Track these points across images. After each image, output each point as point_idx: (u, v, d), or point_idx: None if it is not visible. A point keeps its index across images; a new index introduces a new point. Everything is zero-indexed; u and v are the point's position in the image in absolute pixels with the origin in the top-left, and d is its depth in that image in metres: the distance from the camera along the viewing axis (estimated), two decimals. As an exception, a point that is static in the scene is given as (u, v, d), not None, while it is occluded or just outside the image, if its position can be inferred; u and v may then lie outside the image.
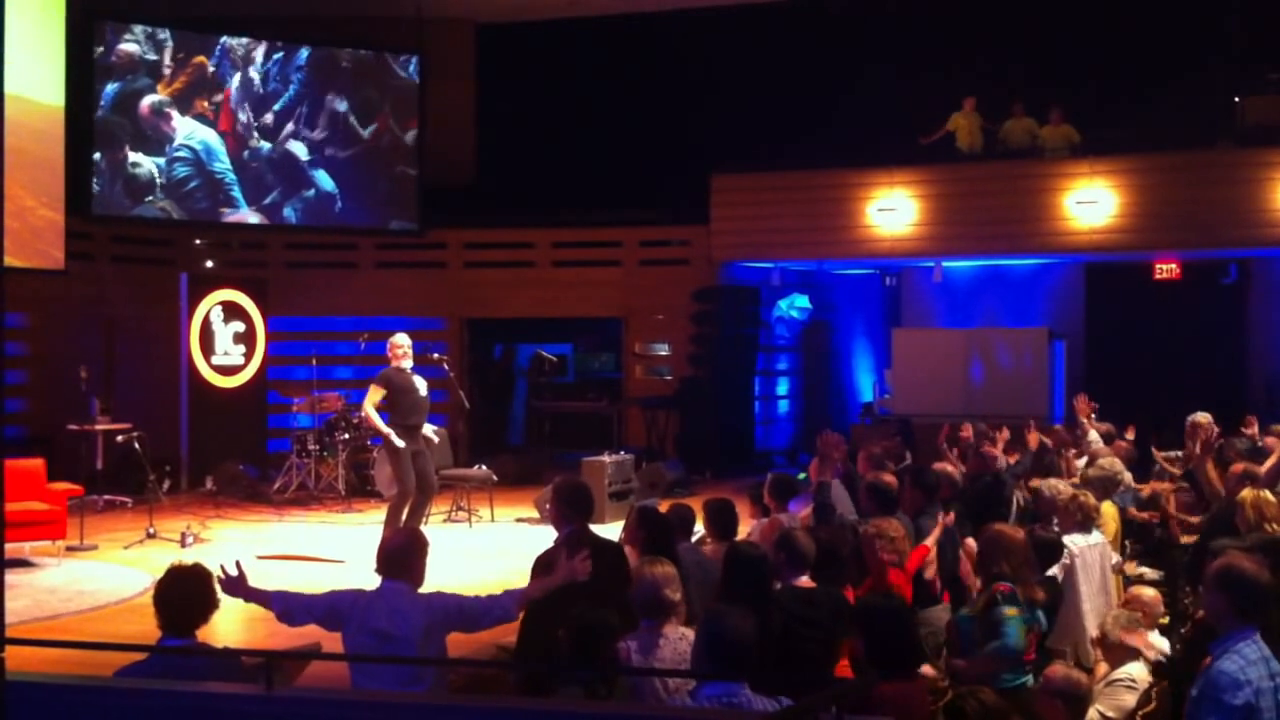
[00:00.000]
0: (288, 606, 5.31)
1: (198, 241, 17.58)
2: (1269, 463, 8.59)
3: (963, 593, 6.93)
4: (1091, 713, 5.44)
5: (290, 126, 17.64)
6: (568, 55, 19.52)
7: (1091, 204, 16.42)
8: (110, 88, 16.46)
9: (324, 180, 17.85)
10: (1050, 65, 17.90)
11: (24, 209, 14.52)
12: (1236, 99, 17.09)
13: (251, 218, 17.46)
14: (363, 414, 10.87)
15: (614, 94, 19.22)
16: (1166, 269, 17.79)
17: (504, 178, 19.29)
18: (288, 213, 17.66)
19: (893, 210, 17.23)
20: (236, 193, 17.26)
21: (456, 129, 19.63)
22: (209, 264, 17.47)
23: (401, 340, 11.21)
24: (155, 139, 16.73)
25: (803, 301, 19.17)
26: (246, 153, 17.33)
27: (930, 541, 6.95)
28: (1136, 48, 17.82)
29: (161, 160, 16.76)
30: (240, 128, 17.30)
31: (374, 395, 10.97)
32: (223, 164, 17.16)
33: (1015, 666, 5.85)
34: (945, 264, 17.93)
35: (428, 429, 11.19)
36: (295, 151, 17.68)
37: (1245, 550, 5.57)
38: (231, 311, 16.54)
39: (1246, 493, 7.16)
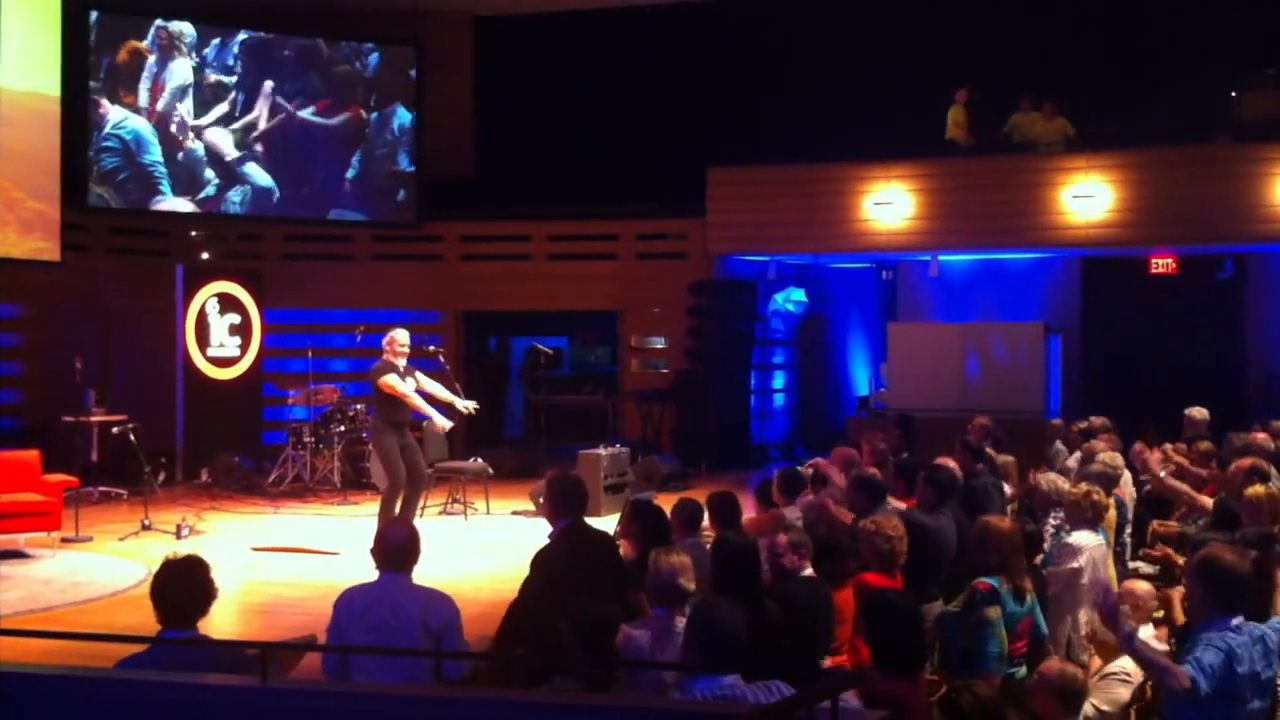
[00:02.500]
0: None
1: (194, 233, 17.54)
2: None
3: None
4: (1087, 707, 5.45)
5: (224, 115, 17.21)
6: (565, 48, 19.50)
7: (1088, 198, 16.41)
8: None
9: (255, 174, 17.41)
10: (1048, 59, 17.87)
11: (14, 201, 14.50)
12: (1234, 94, 17.10)
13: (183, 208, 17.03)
14: (402, 394, 10.86)
15: (611, 86, 19.19)
16: (1162, 264, 17.78)
17: (501, 170, 19.27)
18: (225, 207, 17.26)
19: (889, 204, 17.22)
20: (165, 187, 16.78)
21: (454, 121, 19.61)
22: (205, 256, 17.43)
23: (402, 338, 11.20)
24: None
25: (799, 295, 19.16)
26: (181, 153, 16.86)
27: None
28: (1134, 42, 17.82)
29: (90, 151, 16.31)
30: (174, 118, 16.81)
31: (398, 379, 10.93)
32: (152, 155, 16.67)
33: (1004, 659, 5.85)
34: (941, 258, 17.94)
35: (440, 420, 11.31)
36: (223, 143, 17.21)
37: (1232, 543, 5.61)
38: (227, 303, 16.52)
39: (1258, 489, 7.12)
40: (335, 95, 17.96)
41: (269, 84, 17.50)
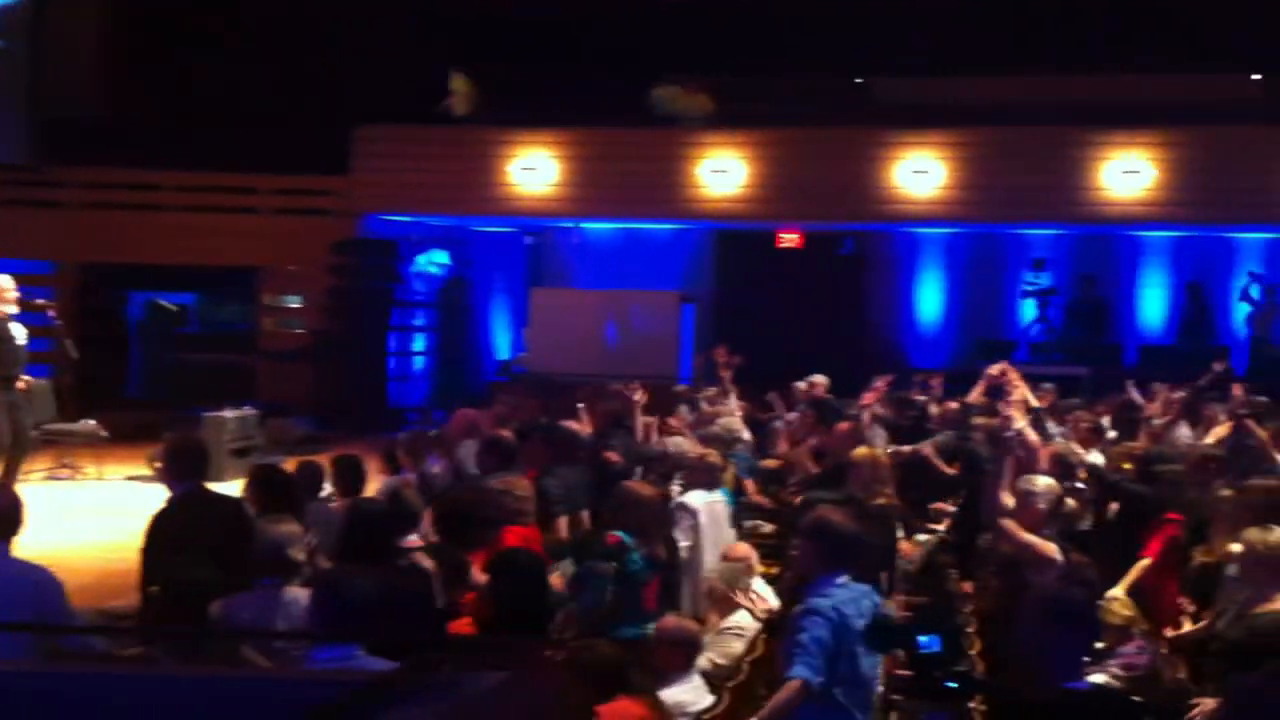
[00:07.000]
0: None
1: None
2: None
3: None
4: (703, 661, 5.63)
5: None
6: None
7: (722, 173, 17.01)
8: None
9: None
10: (690, 36, 18.34)
11: None
12: (860, 80, 18.12)
13: None
14: None
15: (257, 38, 18.40)
16: (789, 239, 18.63)
17: (135, 115, 18.11)
18: None
19: (534, 170, 17.29)
20: None
21: (81, 60, 18.20)
22: None
23: (6, 283, 10.44)
24: None
25: (441, 257, 18.97)
26: None
27: None
28: (772, 16, 18.50)
29: None
30: None
31: None
32: None
33: (635, 619, 5.96)
34: (585, 225, 18.16)
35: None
36: None
37: (837, 503, 5.93)
38: None
39: (863, 451, 7.54)
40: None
41: None
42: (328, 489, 7.34)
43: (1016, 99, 17.42)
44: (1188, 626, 6.11)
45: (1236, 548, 5.64)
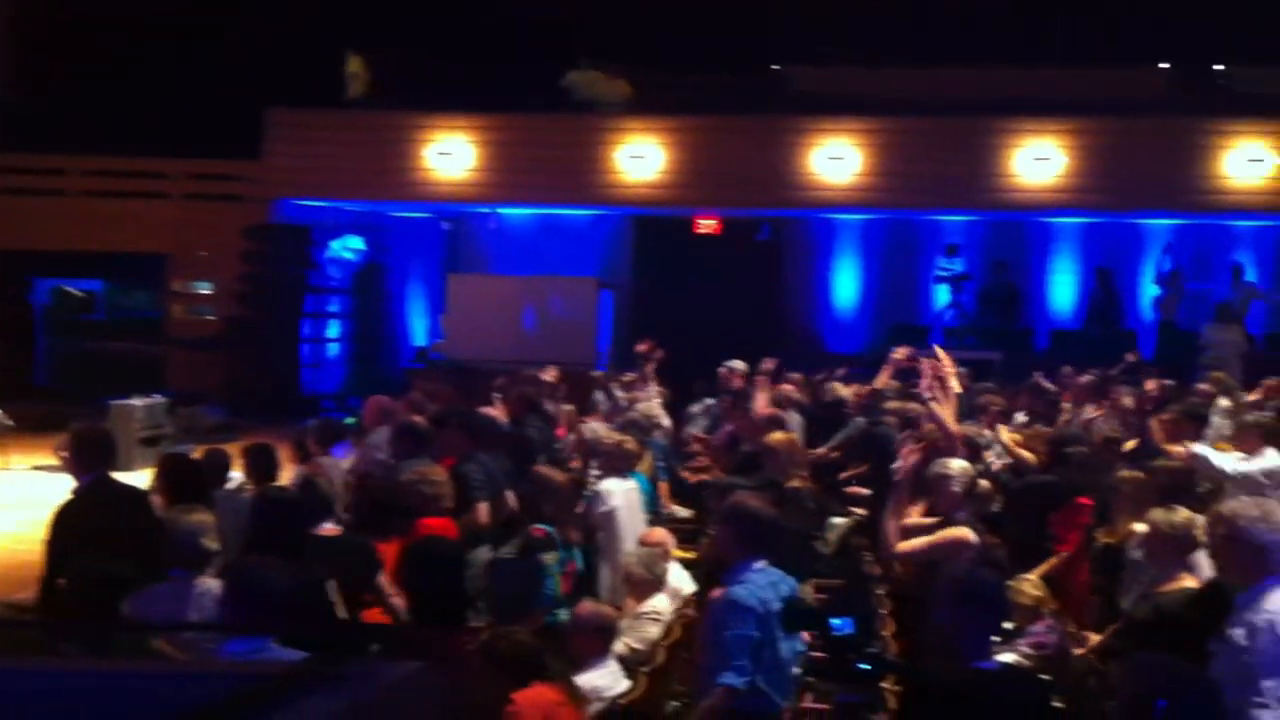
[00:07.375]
0: None
1: None
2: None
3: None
4: (619, 645, 5.64)
5: None
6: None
7: (640, 159, 17.00)
8: None
9: None
10: (608, 23, 18.31)
11: None
12: (778, 67, 18.16)
13: None
14: None
15: (166, 22, 18.01)
16: (707, 225, 18.67)
17: (40, 98, 17.74)
18: None
19: (451, 155, 17.15)
20: None
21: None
22: None
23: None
24: None
25: (356, 242, 18.76)
26: None
27: None
28: (690, 7, 18.53)
29: None
30: None
31: None
32: None
33: (558, 602, 6.00)
34: (502, 211, 18.04)
35: None
36: None
37: (753, 489, 5.96)
38: None
39: (778, 437, 7.57)
40: None
41: None
42: (235, 478, 7.22)
43: (931, 88, 17.60)
44: (1094, 638, 6.18)
45: (1139, 528, 5.75)
